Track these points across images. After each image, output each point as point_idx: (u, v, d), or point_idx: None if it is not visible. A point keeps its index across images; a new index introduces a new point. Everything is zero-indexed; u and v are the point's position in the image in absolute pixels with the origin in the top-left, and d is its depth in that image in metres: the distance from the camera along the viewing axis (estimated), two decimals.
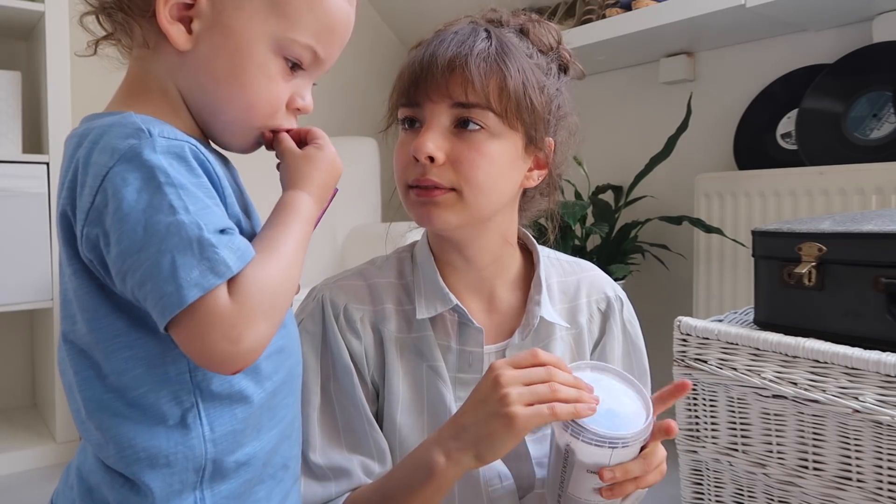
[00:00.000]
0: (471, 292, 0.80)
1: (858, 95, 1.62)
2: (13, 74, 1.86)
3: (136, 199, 0.48)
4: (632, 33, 1.84)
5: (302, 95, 0.62)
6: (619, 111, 2.22)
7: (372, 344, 0.77)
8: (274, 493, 0.60)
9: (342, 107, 2.76)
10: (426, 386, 0.76)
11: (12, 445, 1.89)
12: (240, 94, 0.58)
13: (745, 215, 1.74)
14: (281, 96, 0.60)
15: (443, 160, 0.71)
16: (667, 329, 1.19)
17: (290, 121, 0.63)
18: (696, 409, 1.14)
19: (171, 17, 0.55)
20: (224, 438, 0.55)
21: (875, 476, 0.94)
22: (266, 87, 0.58)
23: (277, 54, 0.58)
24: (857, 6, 1.57)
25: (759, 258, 1.14)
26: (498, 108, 0.71)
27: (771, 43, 1.84)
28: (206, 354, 0.48)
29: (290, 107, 0.61)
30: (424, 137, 0.71)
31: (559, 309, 0.82)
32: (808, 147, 1.67)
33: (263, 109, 0.59)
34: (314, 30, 0.58)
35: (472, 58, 0.70)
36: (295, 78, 0.60)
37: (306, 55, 0.59)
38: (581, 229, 1.92)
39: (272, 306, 0.51)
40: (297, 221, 0.58)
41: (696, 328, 1.11)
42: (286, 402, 0.61)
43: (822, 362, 0.96)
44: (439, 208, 0.72)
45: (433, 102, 0.71)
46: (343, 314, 0.77)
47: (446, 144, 0.71)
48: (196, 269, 0.47)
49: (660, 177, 1.93)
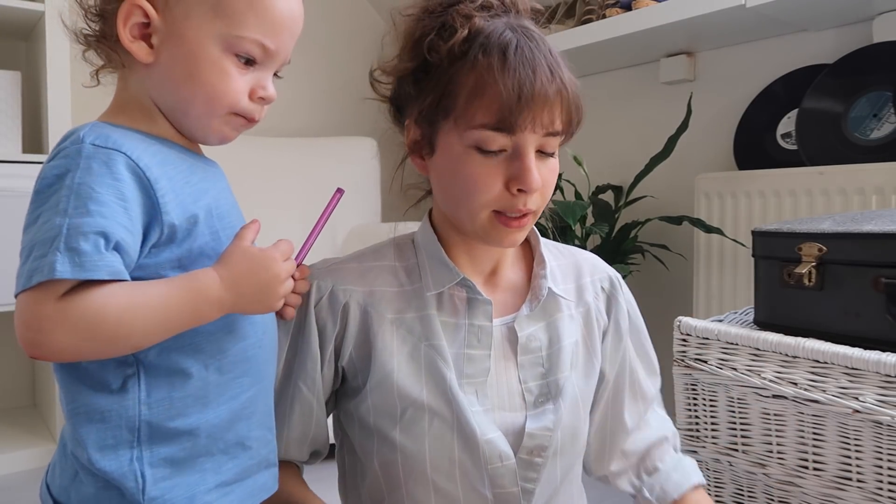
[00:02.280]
0: (475, 270, 0.81)
1: (858, 95, 1.62)
2: (13, 74, 1.86)
3: (42, 190, 0.57)
4: (632, 33, 1.84)
5: (263, 86, 0.67)
6: (619, 111, 2.22)
7: (356, 326, 0.78)
8: (225, 469, 0.65)
9: (341, 107, 2.76)
10: (424, 364, 0.76)
11: (12, 445, 1.89)
12: (199, 90, 0.64)
13: (745, 215, 1.74)
14: (237, 88, 0.65)
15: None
16: (667, 329, 1.19)
17: (257, 109, 0.68)
18: (696, 409, 1.14)
19: (132, 38, 0.63)
20: (159, 404, 0.61)
21: (875, 476, 0.94)
22: (220, 81, 0.64)
23: (227, 51, 0.64)
24: (857, 6, 1.57)
25: (759, 258, 1.14)
26: (566, 132, 0.74)
27: (771, 43, 1.84)
28: (17, 332, 0.55)
29: (253, 97, 0.67)
30: (534, 170, 0.71)
31: (564, 289, 0.83)
32: (808, 147, 1.67)
33: (222, 100, 0.65)
34: (257, 25, 0.64)
35: (557, 85, 0.70)
36: (252, 71, 0.66)
37: (255, 49, 0.65)
38: (581, 229, 1.92)
39: (89, 332, 0.54)
40: (185, 290, 0.59)
41: (696, 328, 1.11)
42: (240, 381, 0.66)
43: (822, 362, 0.96)
44: (522, 232, 0.75)
45: (531, 132, 0.70)
46: (327, 297, 0.78)
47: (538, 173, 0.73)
48: (45, 263, 0.53)
49: (660, 177, 1.93)
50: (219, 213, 0.67)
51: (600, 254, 0.95)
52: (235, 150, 2.77)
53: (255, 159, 2.32)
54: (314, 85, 2.74)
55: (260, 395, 0.69)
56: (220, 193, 0.70)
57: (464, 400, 0.75)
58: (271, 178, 2.25)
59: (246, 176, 2.29)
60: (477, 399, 0.76)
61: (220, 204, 0.68)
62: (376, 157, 2.46)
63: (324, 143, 2.50)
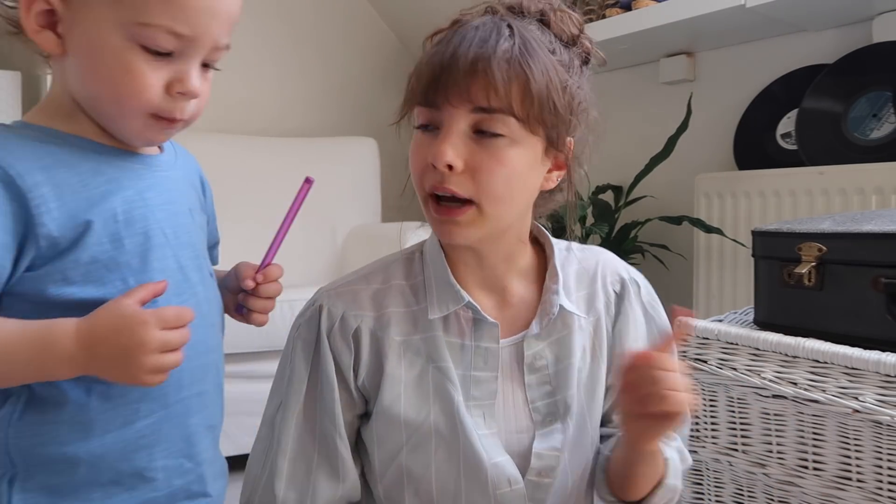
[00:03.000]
0: (483, 288, 0.78)
1: (858, 95, 1.62)
2: (13, 74, 1.86)
3: None
4: (632, 33, 1.84)
5: (181, 79, 0.58)
6: (619, 111, 2.22)
7: (368, 352, 0.75)
8: (118, 500, 0.60)
9: (342, 107, 2.76)
10: (432, 387, 0.75)
11: None
12: (104, 88, 0.57)
13: (745, 215, 1.74)
14: (146, 85, 0.57)
15: (462, 168, 0.68)
16: None
17: (178, 107, 0.59)
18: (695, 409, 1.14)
19: (37, 27, 0.56)
20: (29, 428, 0.57)
21: (875, 476, 0.94)
22: (125, 77, 0.56)
23: (132, 42, 0.55)
24: (857, 6, 1.57)
25: (759, 258, 1.14)
26: (520, 114, 0.67)
27: (771, 43, 1.84)
28: None
29: (171, 92, 0.58)
30: (444, 144, 0.67)
31: (576, 298, 0.80)
32: (808, 147, 1.67)
33: (130, 101, 0.57)
34: (164, 10, 0.55)
35: (496, 59, 0.66)
36: (169, 63, 0.57)
37: (165, 38, 0.56)
38: (581, 229, 1.93)
39: None
40: (33, 340, 0.54)
41: (696, 328, 1.11)
42: (135, 408, 0.60)
43: (822, 362, 0.96)
44: (460, 226, 0.70)
45: (453, 106, 0.67)
46: (339, 323, 0.75)
47: (465, 151, 0.68)
48: None
49: (660, 177, 1.93)
50: (128, 219, 0.60)
51: None
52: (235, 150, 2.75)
53: (254, 159, 2.32)
54: (314, 85, 2.74)
55: (166, 421, 0.63)
56: (140, 196, 0.62)
57: (470, 423, 0.73)
58: (271, 178, 2.25)
59: (246, 176, 2.29)
60: (484, 421, 0.74)
61: (135, 208, 0.61)
62: (376, 157, 2.46)
63: (324, 143, 2.50)
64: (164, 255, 0.63)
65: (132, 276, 0.60)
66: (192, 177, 0.74)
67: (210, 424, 0.69)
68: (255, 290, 0.73)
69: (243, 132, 2.49)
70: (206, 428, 0.68)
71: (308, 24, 2.74)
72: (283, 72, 2.69)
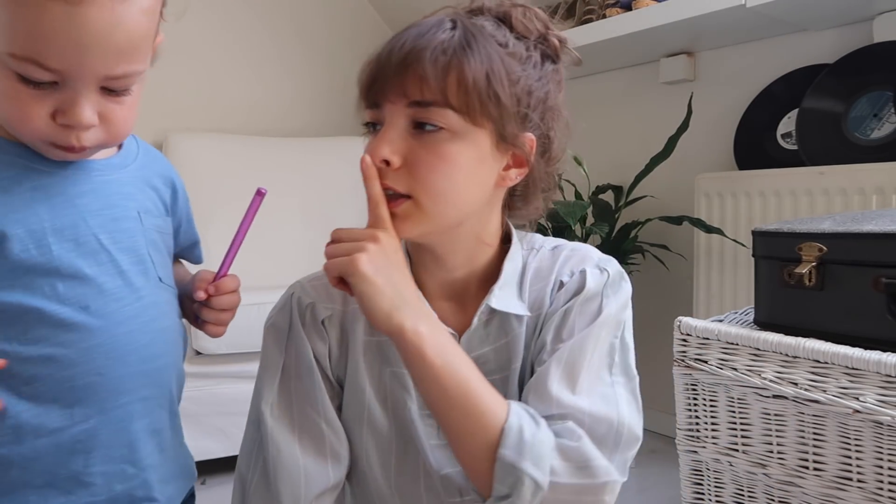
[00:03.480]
0: (444, 292, 0.75)
1: (858, 95, 1.62)
2: None
3: None
4: (632, 33, 1.84)
5: (64, 110, 0.55)
6: (619, 111, 2.22)
7: (337, 344, 0.74)
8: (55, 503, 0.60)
9: (342, 107, 2.76)
10: (388, 391, 0.73)
11: None
12: (1, 115, 0.57)
13: (745, 215, 1.74)
14: (29, 114, 0.55)
15: (399, 164, 0.67)
16: (667, 329, 1.19)
17: (72, 135, 0.57)
18: (696, 409, 1.14)
19: None
20: None
21: (875, 476, 0.93)
22: (10, 106, 0.55)
23: (10, 71, 0.54)
24: (857, 6, 1.57)
25: (759, 258, 1.14)
26: (458, 105, 0.65)
27: (771, 43, 1.84)
28: None
29: (57, 122, 0.56)
30: (379, 140, 0.67)
31: (529, 295, 0.74)
32: (808, 147, 1.67)
33: (21, 128, 0.57)
34: (29, 43, 0.52)
35: (429, 51, 0.64)
36: (54, 92, 0.55)
37: (35, 70, 0.53)
38: (581, 229, 1.92)
39: None
40: None
41: (696, 328, 1.11)
42: (69, 413, 0.60)
43: (823, 362, 0.96)
44: (398, 219, 0.68)
45: (391, 103, 0.67)
46: (309, 313, 0.74)
47: (403, 147, 0.67)
48: None
49: (660, 177, 1.93)
50: (57, 226, 0.60)
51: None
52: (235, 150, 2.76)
53: (254, 159, 2.32)
54: (314, 85, 2.74)
55: (104, 427, 0.62)
56: (70, 202, 0.62)
57: (423, 433, 0.71)
58: (271, 177, 2.25)
59: (246, 176, 2.29)
60: (437, 431, 0.72)
61: (63, 215, 0.61)
62: None
63: (324, 143, 2.50)
64: (99, 260, 0.63)
65: (62, 282, 0.60)
66: (151, 179, 0.73)
67: (155, 429, 0.68)
68: (208, 301, 0.73)
69: (243, 132, 2.49)
70: (150, 433, 0.67)
71: (309, 25, 2.74)
72: (283, 72, 2.69)
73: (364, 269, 0.63)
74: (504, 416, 0.62)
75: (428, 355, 0.62)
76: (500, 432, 0.62)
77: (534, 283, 0.75)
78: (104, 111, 0.58)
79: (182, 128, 2.35)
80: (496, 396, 0.65)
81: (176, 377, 0.71)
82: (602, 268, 0.74)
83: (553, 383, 0.66)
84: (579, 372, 0.68)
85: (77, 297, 0.60)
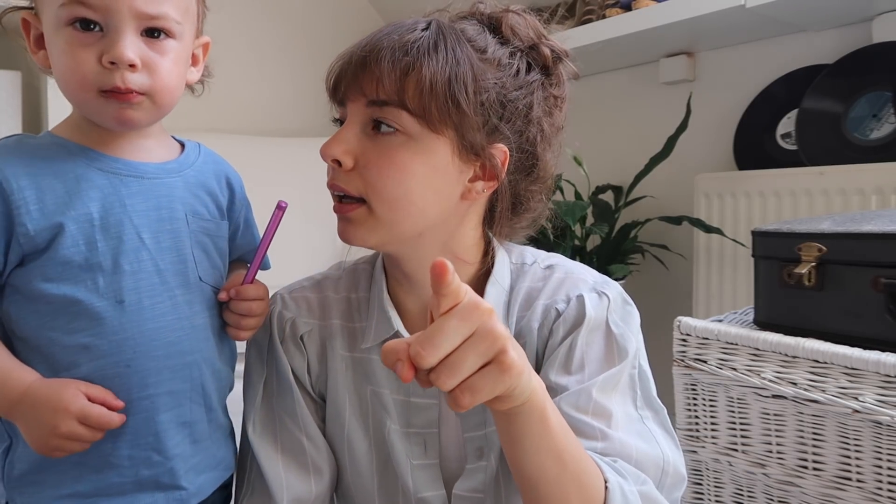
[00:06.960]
0: (420, 310, 0.72)
1: (858, 95, 1.62)
2: (13, 74, 1.86)
3: None
4: (631, 33, 1.84)
5: (108, 49, 0.62)
6: (619, 111, 2.22)
7: (317, 359, 0.73)
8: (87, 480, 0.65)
9: None
10: (370, 410, 0.72)
11: None
12: (59, 80, 0.64)
13: (745, 215, 1.74)
14: (79, 59, 0.62)
15: (350, 165, 0.65)
16: (667, 329, 1.19)
17: (119, 77, 0.62)
18: (696, 409, 1.14)
19: (34, 49, 0.66)
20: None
21: (875, 476, 0.94)
22: (62, 58, 0.62)
23: (62, 25, 0.61)
24: (857, 6, 1.57)
25: (759, 258, 1.14)
26: (414, 108, 0.61)
27: (771, 43, 1.84)
28: None
29: (104, 63, 0.62)
30: (333, 139, 0.66)
31: (516, 320, 0.71)
32: (808, 147, 1.67)
33: (73, 79, 0.63)
34: None
35: (390, 50, 0.62)
36: (99, 38, 0.62)
37: (76, 9, 0.60)
38: (581, 229, 1.92)
39: None
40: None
41: (696, 328, 1.11)
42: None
43: (822, 362, 0.96)
44: (352, 225, 0.66)
45: (351, 101, 0.65)
46: (289, 328, 0.73)
47: (357, 147, 0.65)
48: None
49: (660, 177, 1.93)
50: (105, 224, 0.64)
51: (600, 254, 0.92)
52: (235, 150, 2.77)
53: (254, 159, 2.32)
54: (314, 85, 2.74)
55: (131, 415, 0.65)
56: (120, 202, 0.66)
57: (402, 452, 0.70)
58: (271, 177, 2.25)
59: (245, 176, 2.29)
60: (424, 451, 0.70)
61: (112, 213, 0.65)
62: None
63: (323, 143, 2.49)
64: (139, 258, 0.66)
65: (103, 276, 0.64)
66: (208, 182, 0.76)
67: (185, 421, 0.69)
68: (229, 304, 0.73)
69: (243, 132, 2.49)
70: (179, 425, 0.69)
71: (309, 25, 2.74)
72: (283, 72, 2.69)
73: (518, 365, 0.48)
74: (601, 474, 0.56)
75: (550, 420, 0.53)
76: (605, 491, 0.55)
77: (522, 310, 0.71)
78: (146, 57, 0.63)
79: (182, 128, 2.35)
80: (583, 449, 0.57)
81: (212, 373, 0.72)
82: (600, 291, 0.70)
83: (591, 419, 0.61)
84: (609, 407, 0.63)
85: (114, 292, 0.64)
